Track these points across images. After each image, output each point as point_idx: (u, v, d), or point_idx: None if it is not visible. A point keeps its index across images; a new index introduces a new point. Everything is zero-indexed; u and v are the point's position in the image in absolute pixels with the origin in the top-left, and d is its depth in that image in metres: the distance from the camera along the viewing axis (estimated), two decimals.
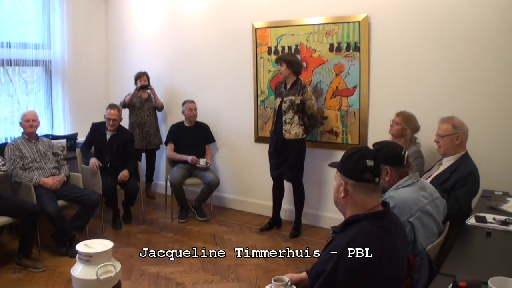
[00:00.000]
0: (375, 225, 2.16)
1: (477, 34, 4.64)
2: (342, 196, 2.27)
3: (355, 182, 2.23)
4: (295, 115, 5.36)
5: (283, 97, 5.41)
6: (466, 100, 4.74)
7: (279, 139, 5.47)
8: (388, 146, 2.99)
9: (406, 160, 2.95)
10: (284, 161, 5.49)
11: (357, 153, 2.26)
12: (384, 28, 5.18)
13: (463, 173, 3.71)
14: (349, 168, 2.26)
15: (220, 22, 6.49)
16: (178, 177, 6.07)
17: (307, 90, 5.33)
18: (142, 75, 6.90)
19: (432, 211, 2.90)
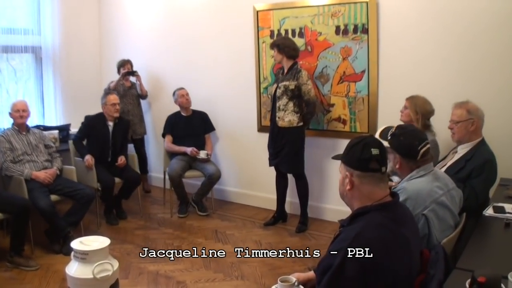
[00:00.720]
0: (385, 216, 2.14)
1: (495, 14, 4.59)
2: (348, 189, 2.26)
3: (360, 173, 2.22)
4: (290, 102, 5.33)
5: (278, 83, 5.41)
6: (481, 83, 4.70)
7: (274, 127, 5.48)
8: (406, 135, 2.92)
9: (422, 155, 2.88)
10: (280, 151, 5.48)
11: (360, 142, 2.25)
12: (394, 8, 5.14)
13: (480, 161, 3.68)
14: (353, 158, 2.24)
15: (218, 4, 6.45)
16: (177, 169, 6.05)
17: (301, 74, 5.30)
18: (126, 63, 6.93)
19: (447, 202, 2.87)
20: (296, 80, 5.28)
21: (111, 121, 5.97)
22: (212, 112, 6.60)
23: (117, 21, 7.66)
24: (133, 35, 7.50)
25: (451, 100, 4.13)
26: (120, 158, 5.93)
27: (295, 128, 5.37)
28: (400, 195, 2.67)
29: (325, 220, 5.84)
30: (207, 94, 6.69)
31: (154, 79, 7.30)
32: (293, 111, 5.34)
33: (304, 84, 5.29)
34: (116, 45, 7.68)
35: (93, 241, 3.09)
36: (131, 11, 7.47)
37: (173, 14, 6.96)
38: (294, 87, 5.29)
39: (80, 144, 5.94)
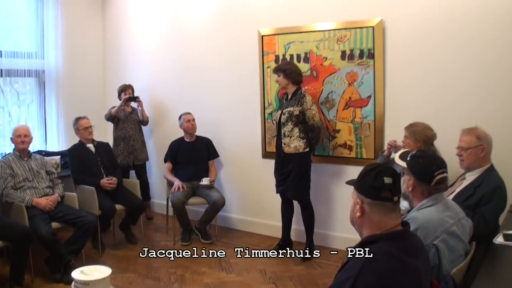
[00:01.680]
0: (394, 246, 2.13)
1: (504, 39, 4.61)
2: (358, 216, 2.26)
3: (371, 201, 2.23)
4: (295, 127, 5.33)
5: (282, 109, 5.42)
6: (489, 109, 4.71)
7: (280, 153, 5.48)
8: (425, 159, 2.94)
9: (437, 182, 2.87)
10: (286, 177, 5.47)
11: (374, 169, 2.26)
12: (400, 33, 5.16)
13: (489, 188, 3.66)
14: (365, 185, 2.25)
15: (224, 29, 6.50)
16: (180, 196, 6.03)
17: (306, 99, 5.31)
18: (127, 87, 6.98)
19: (458, 232, 2.85)
20: (300, 105, 5.29)
21: (90, 143, 6.02)
22: (216, 137, 6.60)
23: (120, 45, 7.72)
24: (137, 60, 7.55)
25: (458, 125, 4.13)
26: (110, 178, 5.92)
27: (301, 154, 5.36)
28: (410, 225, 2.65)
29: (332, 248, 5.78)
30: (211, 119, 6.69)
31: (157, 104, 7.32)
32: (298, 137, 5.34)
33: (309, 109, 5.29)
34: (120, 70, 7.73)
35: (94, 271, 3.06)
36: (135, 36, 7.53)
37: (178, 38, 7.00)
38: (298, 112, 5.29)
39: (81, 178, 5.90)
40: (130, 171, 7.05)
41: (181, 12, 6.92)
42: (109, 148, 6.38)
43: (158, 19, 7.21)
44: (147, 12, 7.32)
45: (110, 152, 6.33)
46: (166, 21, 7.13)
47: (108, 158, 6.17)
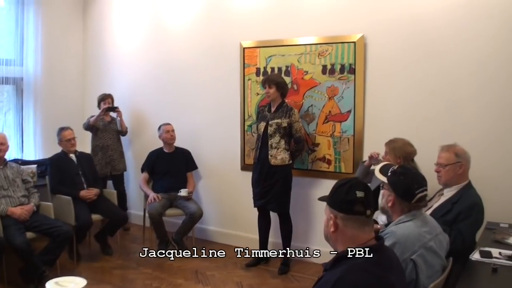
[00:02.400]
0: (368, 260, 2.14)
1: (481, 56, 4.70)
2: (332, 231, 2.27)
3: (344, 215, 2.24)
4: (282, 139, 5.36)
5: (268, 121, 5.42)
6: (468, 126, 4.78)
7: (264, 166, 5.45)
8: (407, 176, 2.96)
9: (417, 200, 2.90)
10: (269, 189, 5.46)
11: (346, 184, 2.27)
12: (381, 49, 5.23)
13: (466, 204, 3.69)
14: (338, 200, 2.27)
15: (205, 40, 6.51)
16: (157, 207, 6.00)
17: (294, 112, 5.36)
18: (107, 97, 6.95)
19: (435, 247, 2.87)
20: (288, 117, 5.33)
21: (72, 153, 6.00)
22: (195, 149, 6.60)
23: (101, 54, 7.69)
24: (117, 69, 7.53)
25: (437, 141, 4.17)
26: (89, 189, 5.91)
27: (286, 166, 5.41)
28: (388, 239, 2.69)
29: (309, 262, 5.79)
30: (191, 131, 6.70)
31: (137, 113, 7.30)
32: (284, 149, 5.38)
33: (297, 121, 5.35)
34: (100, 78, 7.70)
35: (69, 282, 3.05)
36: (116, 45, 7.52)
37: (159, 48, 7.00)
38: (286, 124, 5.33)
39: (59, 188, 5.84)
40: (108, 181, 6.99)
41: (163, 23, 6.93)
42: (91, 160, 6.35)
43: (139, 29, 7.20)
44: (129, 21, 7.31)
45: (91, 163, 6.29)
46: (147, 31, 7.13)
47: (90, 169, 6.13)
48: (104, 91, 7.05)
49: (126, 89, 7.37)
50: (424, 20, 4.95)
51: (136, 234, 6.94)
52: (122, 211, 6.20)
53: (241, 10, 6.16)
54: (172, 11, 6.82)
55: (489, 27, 4.63)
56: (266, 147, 5.43)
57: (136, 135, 7.39)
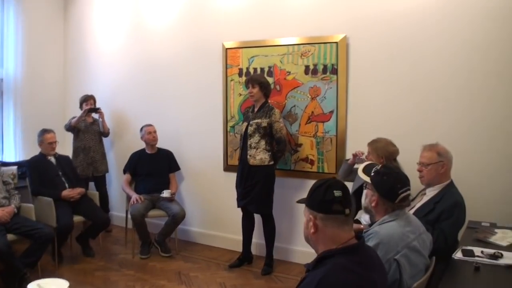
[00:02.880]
0: (350, 260, 2.16)
1: (466, 54, 4.73)
2: (312, 232, 2.29)
3: (324, 215, 2.26)
4: (262, 139, 5.37)
5: (249, 121, 5.43)
6: (450, 126, 4.81)
7: (245, 166, 5.47)
8: (390, 176, 2.97)
9: (401, 200, 2.92)
10: (250, 190, 5.46)
11: (323, 184, 2.29)
12: (364, 50, 5.25)
13: (449, 204, 3.72)
14: (316, 201, 2.29)
15: (187, 41, 6.51)
16: (140, 209, 5.98)
17: (274, 112, 5.37)
18: (89, 98, 6.93)
19: (419, 247, 2.89)
20: (268, 117, 5.34)
21: (51, 156, 5.96)
22: (177, 150, 6.59)
23: (83, 55, 7.66)
24: (99, 70, 7.50)
25: (420, 140, 4.19)
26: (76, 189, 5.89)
27: (266, 167, 5.40)
28: (371, 239, 2.70)
29: (292, 262, 5.80)
30: (173, 132, 6.69)
31: (118, 115, 7.28)
32: (264, 149, 5.37)
33: (277, 121, 5.35)
34: (81, 79, 7.67)
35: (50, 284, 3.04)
36: (97, 45, 7.49)
37: (141, 49, 6.99)
38: (266, 124, 5.34)
39: (41, 190, 5.78)
40: (90, 183, 6.95)
41: (145, 23, 6.91)
42: (70, 162, 6.31)
43: (120, 29, 7.18)
44: (110, 22, 7.28)
45: (71, 165, 6.26)
46: (128, 30, 7.11)
47: (71, 170, 6.10)
48: (86, 92, 7.03)
49: (108, 90, 7.34)
50: (408, 19, 4.98)
51: (118, 236, 6.91)
52: (105, 214, 6.17)
53: (224, 10, 6.16)
54: (154, 11, 6.80)
55: (473, 25, 4.67)
56: (246, 147, 5.44)
57: (118, 136, 7.37)
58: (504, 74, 4.57)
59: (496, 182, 4.63)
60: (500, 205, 4.53)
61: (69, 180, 5.93)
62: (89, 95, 6.96)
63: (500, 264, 3.08)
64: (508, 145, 4.59)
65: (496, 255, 3.18)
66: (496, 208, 4.50)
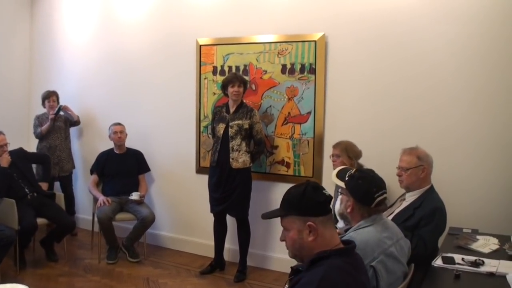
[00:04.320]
0: (345, 261, 2.20)
1: (448, 57, 4.74)
2: (311, 240, 2.26)
3: (323, 218, 2.27)
4: (243, 142, 5.34)
5: (227, 122, 5.38)
6: (429, 127, 4.83)
7: (224, 169, 5.40)
8: (365, 180, 2.93)
9: (377, 203, 2.88)
10: (230, 194, 5.41)
11: (308, 187, 2.29)
12: (343, 50, 5.24)
13: (429, 209, 3.72)
14: (310, 205, 2.26)
15: (159, 36, 6.44)
16: (107, 211, 5.90)
17: (255, 113, 5.36)
18: (51, 94, 6.83)
19: (396, 253, 2.86)
20: (249, 118, 5.33)
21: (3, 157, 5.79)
22: (148, 150, 6.52)
23: (49, 50, 7.56)
24: (65, 65, 7.40)
25: (399, 145, 4.19)
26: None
27: (247, 169, 5.40)
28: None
29: (266, 269, 5.77)
30: (143, 131, 6.62)
31: (86, 111, 7.17)
32: (246, 151, 5.36)
33: (257, 123, 5.36)
34: (47, 76, 7.56)
35: None
36: (65, 39, 7.39)
37: (110, 43, 6.91)
38: (248, 126, 5.32)
39: None
40: (55, 183, 6.84)
41: (115, 17, 6.83)
42: (23, 155, 6.10)
43: (89, 23, 7.09)
44: (79, 14, 7.18)
45: (26, 156, 6.12)
46: (98, 24, 7.02)
47: (28, 166, 5.99)
48: (51, 88, 6.91)
49: (75, 86, 7.25)
50: (388, 18, 4.98)
51: (84, 240, 6.81)
52: (70, 217, 6.09)
53: (199, 5, 6.10)
54: (124, 3, 6.73)
55: (456, 24, 4.67)
56: (226, 150, 5.37)
57: (86, 134, 7.29)
58: (481, 73, 4.60)
59: (479, 187, 4.65)
60: (482, 211, 4.55)
61: (29, 184, 5.82)
62: (51, 91, 6.85)
63: (481, 272, 3.07)
64: (492, 148, 4.61)
65: (478, 262, 3.17)
66: (478, 214, 4.52)
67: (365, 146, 4.79)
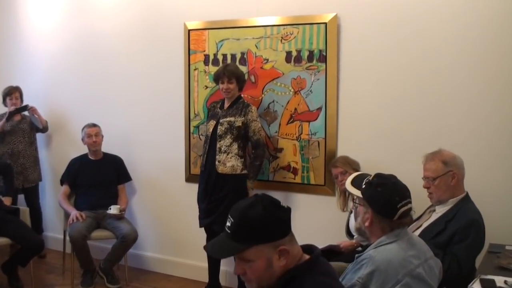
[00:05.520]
0: (320, 272, 2.28)
1: (479, 42, 4.68)
2: (283, 265, 2.25)
3: (289, 237, 2.29)
4: (234, 142, 5.30)
5: (218, 119, 5.36)
6: (457, 125, 4.79)
7: (211, 175, 5.38)
8: (386, 187, 2.89)
9: (400, 215, 2.84)
10: (217, 206, 5.37)
11: (267, 206, 2.25)
12: (358, 33, 5.20)
13: (463, 222, 3.68)
14: (278, 227, 2.26)
15: (139, 20, 6.43)
16: (81, 229, 5.86)
17: (251, 109, 5.32)
18: (14, 90, 6.82)
19: (424, 275, 2.82)
20: (244, 115, 5.28)
21: None
22: (128, 156, 6.52)
23: (10, 37, 7.56)
24: (30, 56, 7.40)
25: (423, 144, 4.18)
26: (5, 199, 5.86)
27: (238, 176, 5.32)
28: (365, 266, 2.70)
29: None
30: (123, 133, 6.62)
31: (54, 110, 7.18)
32: (237, 154, 5.31)
33: (254, 121, 5.30)
34: (9, 71, 7.55)
35: None
36: (28, 25, 7.38)
37: (81, 28, 6.89)
38: (241, 124, 5.28)
39: None
40: (18, 196, 6.82)
41: None
42: None
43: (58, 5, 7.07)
44: None
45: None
46: (67, 5, 7.01)
47: None
48: (12, 84, 6.90)
49: (41, 81, 7.25)
50: None
51: (54, 263, 6.81)
52: (37, 236, 6.06)
53: None
54: None
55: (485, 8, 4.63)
56: (214, 152, 5.36)
57: (54, 139, 7.28)
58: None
59: None
60: None
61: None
62: (13, 86, 6.85)
63: None
64: None
65: None
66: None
67: (386, 149, 4.79)
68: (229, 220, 2.26)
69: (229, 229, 2.25)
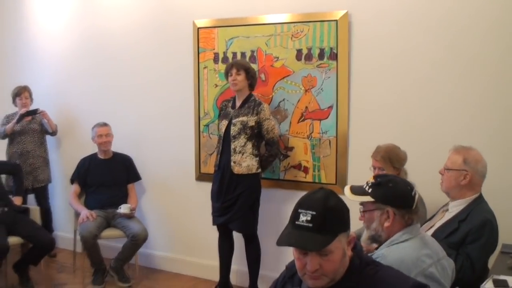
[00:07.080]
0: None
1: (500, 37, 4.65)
2: (350, 254, 2.30)
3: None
4: (248, 142, 5.30)
5: (231, 119, 5.36)
6: (472, 125, 4.76)
7: (225, 174, 5.38)
8: (395, 182, 2.91)
9: (416, 204, 2.87)
10: (232, 204, 5.37)
11: (332, 195, 2.33)
12: (370, 30, 5.19)
13: (477, 222, 3.66)
14: (348, 215, 2.32)
15: (149, 19, 6.44)
16: (91, 228, 5.88)
17: (263, 107, 5.31)
18: (23, 90, 6.84)
19: (437, 275, 2.81)
20: (256, 114, 5.27)
21: None
22: (138, 155, 6.54)
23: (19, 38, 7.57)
24: (39, 57, 7.41)
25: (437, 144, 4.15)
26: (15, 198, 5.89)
27: (253, 176, 5.34)
28: None
29: None
30: (133, 133, 6.64)
31: (64, 111, 7.20)
32: (251, 154, 5.31)
33: (267, 119, 5.30)
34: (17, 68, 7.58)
35: None
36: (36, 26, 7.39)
37: (91, 29, 6.90)
38: (254, 123, 5.28)
39: None
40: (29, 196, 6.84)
41: None
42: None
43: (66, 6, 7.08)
44: None
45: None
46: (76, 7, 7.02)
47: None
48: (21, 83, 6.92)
49: (50, 80, 7.26)
50: None
51: (64, 262, 6.84)
52: (48, 234, 6.05)
53: None
54: None
55: None
56: (228, 152, 5.36)
57: (64, 137, 7.29)
58: None
59: None
60: None
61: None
62: (22, 86, 6.86)
63: None
64: None
65: None
66: None
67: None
68: (306, 214, 2.26)
69: (310, 222, 2.22)
